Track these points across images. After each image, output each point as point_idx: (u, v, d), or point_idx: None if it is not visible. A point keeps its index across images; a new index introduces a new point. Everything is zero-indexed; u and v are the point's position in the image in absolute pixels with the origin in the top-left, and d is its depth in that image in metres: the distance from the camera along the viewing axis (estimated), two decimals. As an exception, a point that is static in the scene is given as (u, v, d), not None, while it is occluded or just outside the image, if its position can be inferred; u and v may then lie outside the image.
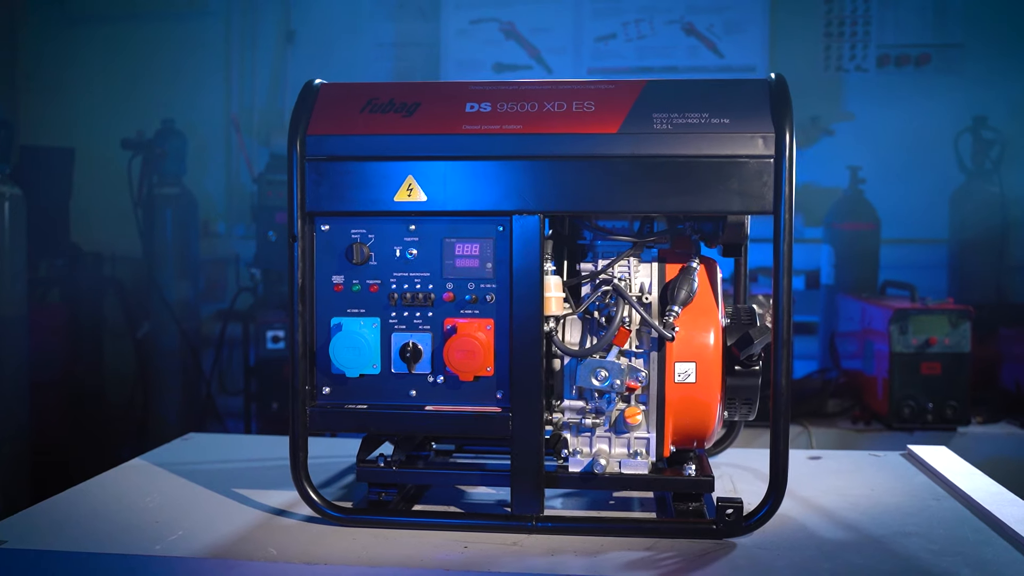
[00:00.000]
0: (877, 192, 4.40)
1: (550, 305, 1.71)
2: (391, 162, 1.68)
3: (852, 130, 4.77)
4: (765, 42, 4.65)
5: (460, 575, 1.52)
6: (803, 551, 1.62)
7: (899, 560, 1.58)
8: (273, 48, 5.14)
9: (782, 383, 1.60)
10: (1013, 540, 1.65)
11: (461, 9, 4.79)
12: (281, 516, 1.80)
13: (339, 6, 5.03)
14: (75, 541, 1.61)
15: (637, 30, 4.65)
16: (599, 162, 1.63)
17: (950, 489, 1.97)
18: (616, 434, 1.76)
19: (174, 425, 4.49)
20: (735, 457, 2.25)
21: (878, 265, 4.29)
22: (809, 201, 4.78)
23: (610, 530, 1.68)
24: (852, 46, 4.73)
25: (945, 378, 3.33)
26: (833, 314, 4.18)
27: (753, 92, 1.65)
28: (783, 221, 1.57)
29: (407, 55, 4.99)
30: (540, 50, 4.75)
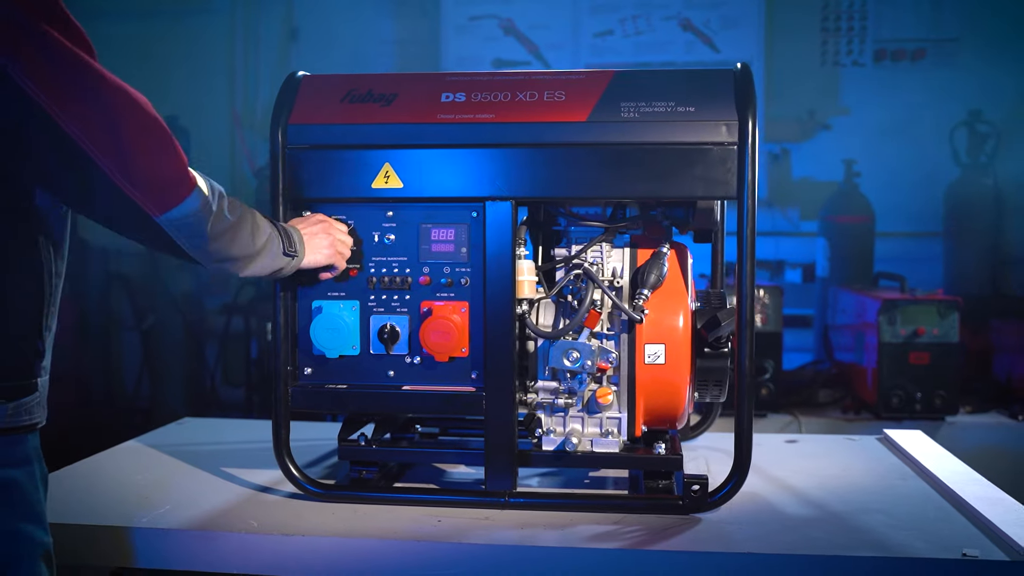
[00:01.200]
0: (872, 186, 4.43)
1: (523, 288, 1.77)
2: (369, 150, 1.74)
3: (849, 124, 4.80)
4: (761, 37, 4.68)
5: (431, 545, 1.58)
6: (766, 525, 1.67)
7: (857, 534, 1.63)
8: (276, 45, 5.21)
9: (746, 365, 1.65)
10: (972, 516, 1.70)
11: (461, 6, 4.85)
12: (265, 493, 1.87)
13: (342, 3, 5.10)
14: (64, 514, 1.67)
15: (635, 26, 4.70)
16: (568, 149, 1.69)
17: (919, 470, 2.02)
18: (589, 414, 1.81)
19: (179, 415, 4.55)
20: (712, 440, 2.30)
21: (873, 258, 4.32)
22: (806, 195, 4.81)
23: (580, 506, 1.74)
24: (849, 41, 4.76)
25: (933, 368, 3.36)
26: (827, 307, 4.22)
27: (718, 82, 1.70)
28: (746, 207, 1.62)
29: (408, 52, 5.05)
30: (539, 46, 4.80)
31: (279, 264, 1.62)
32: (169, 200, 1.37)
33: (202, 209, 1.41)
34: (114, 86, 1.28)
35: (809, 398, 3.71)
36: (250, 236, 1.53)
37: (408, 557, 1.58)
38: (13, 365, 1.33)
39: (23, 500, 1.34)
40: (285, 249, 1.62)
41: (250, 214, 1.55)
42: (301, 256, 1.66)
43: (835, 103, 4.85)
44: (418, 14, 5.08)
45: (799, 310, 4.72)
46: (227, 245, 1.49)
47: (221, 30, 5.23)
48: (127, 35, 5.10)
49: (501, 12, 4.85)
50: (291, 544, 1.60)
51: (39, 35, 1.21)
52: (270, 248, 1.58)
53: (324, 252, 1.70)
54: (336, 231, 1.74)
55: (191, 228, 1.42)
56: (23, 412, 1.34)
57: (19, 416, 1.34)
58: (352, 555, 1.59)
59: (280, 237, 1.61)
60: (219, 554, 1.62)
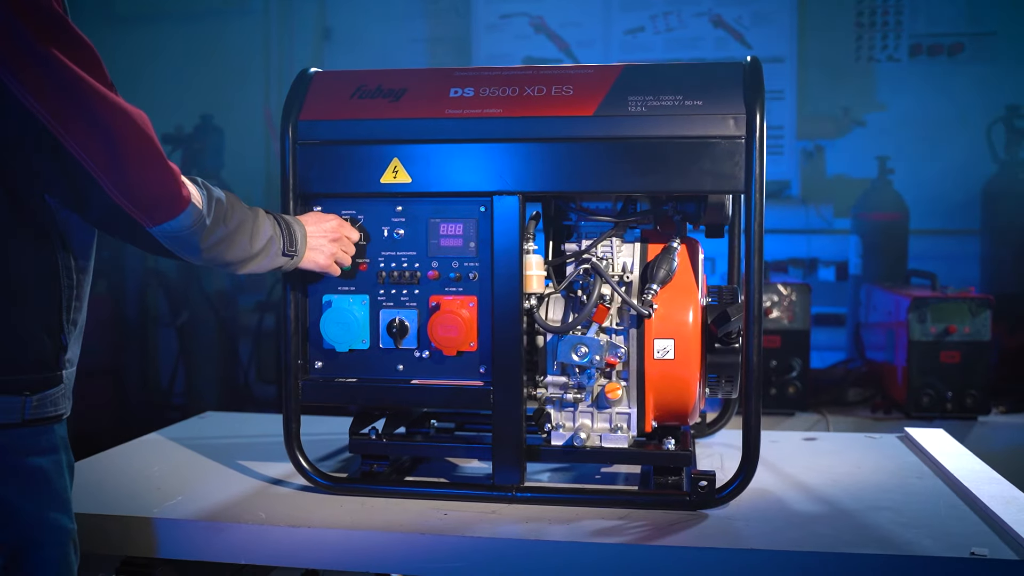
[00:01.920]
0: (907, 182, 4.35)
1: (531, 283, 1.77)
2: (377, 145, 1.76)
3: (884, 120, 4.72)
4: (794, 33, 4.62)
5: (436, 538, 1.59)
6: (773, 522, 1.66)
7: (864, 530, 1.61)
8: (310, 44, 5.26)
9: (754, 361, 1.64)
10: (985, 515, 1.67)
11: (492, 4, 4.85)
12: (277, 485, 1.89)
13: (374, 3, 5.14)
14: (78, 504, 1.70)
15: (665, 23, 4.67)
16: (575, 144, 1.69)
17: (937, 469, 1.98)
18: (598, 409, 1.81)
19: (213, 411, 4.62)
20: (730, 437, 2.28)
21: (906, 255, 4.25)
22: (840, 192, 4.74)
23: (587, 501, 1.74)
24: (884, 36, 4.68)
25: (965, 367, 3.30)
26: (859, 305, 4.16)
27: (727, 75, 1.68)
28: (753, 201, 1.61)
29: (439, 50, 5.08)
30: (569, 44, 4.79)
31: (277, 264, 1.65)
32: (162, 215, 1.41)
33: (194, 225, 1.45)
34: (112, 106, 1.31)
35: (838, 397, 3.66)
36: (248, 241, 1.56)
37: (413, 549, 1.60)
38: (35, 359, 1.38)
39: (50, 488, 1.39)
40: (284, 249, 1.65)
41: (251, 217, 1.58)
42: (300, 257, 1.69)
43: (870, 99, 4.77)
44: (450, 12, 5.10)
45: (832, 308, 4.67)
46: (221, 253, 1.53)
47: (256, 30, 5.29)
48: (165, 36, 5.20)
49: (532, 10, 4.84)
50: (298, 536, 1.62)
51: (43, 56, 1.25)
52: (268, 250, 1.61)
53: (321, 259, 1.73)
54: (345, 238, 1.76)
55: (183, 241, 1.47)
56: (48, 404, 1.39)
57: (44, 407, 1.38)
58: (358, 547, 1.61)
59: (282, 236, 1.64)
60: (227, 545, 1.64)
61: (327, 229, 1.74)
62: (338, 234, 1.74)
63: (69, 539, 1.40)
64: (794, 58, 4.65)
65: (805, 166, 4.83)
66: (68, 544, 1.40)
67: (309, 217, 1.75)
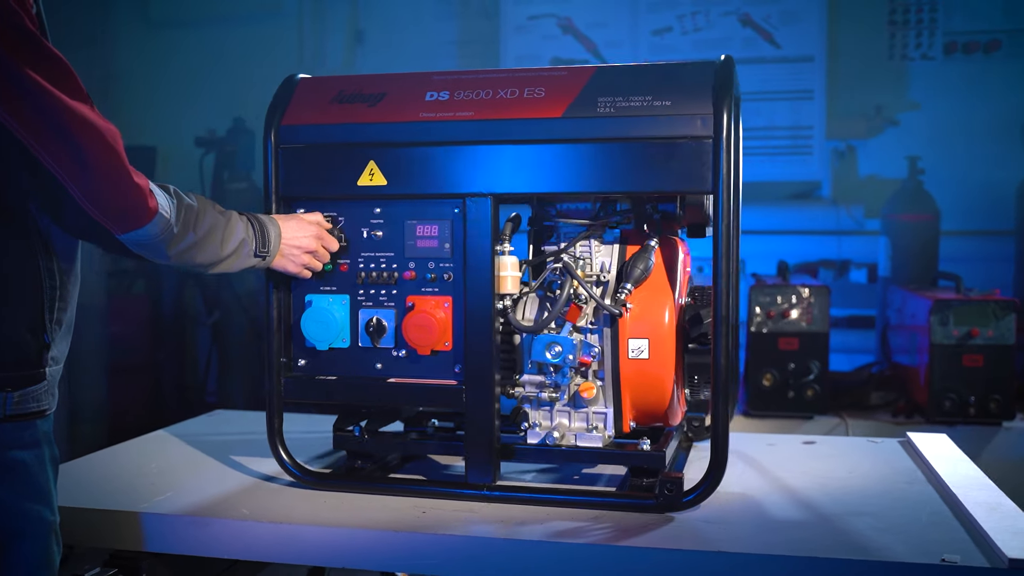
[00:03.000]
0: (940, 183, 4.26)
1: (505, 284, 1.78)
2: (354, 148, 1.78)
3: (918, 120, 4.62)
4: (823, 32, 4.55)
5: (409, 536, 1.61)
6: (746, 526, 1.65)
7: (839, 535, 1.59)
8: (342, 47, 5.33)
9: (722, 363, 1.63)
10: (966, 522, 1.64)
11: (520, 5, 4.86)
12: (269, 482, 1.93)
13: (405, 6, 5.18)
14: (72, 498, 1.76)
15: (693, 22, 4.63)
16: (544, 146, 1.70)
17: (930, 475, 1.95)
18: (575, 408, 1.82)
19: (243, 408, 4.71)
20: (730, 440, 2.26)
21: (937, 257, 4.16)
22: (872, 193, 4.65)
23: (558, 501, 1.74)
24: (918, 33, 4.59)
25: (988, 371, 3.22)
26: (887, 307, 4.08)
27: (698, 75, 1.68)
28: (721, 201, 1.60)
29: (469, 52, 5.10)
30: (597, 44, 4.78)
31: (248, 264, 1.70)
32: (129, 225, 1.47)
33: (162, 234, 1.51)
34: (79, 120, 1.36)
35: (861, 400, 3.60)
36: (218, 245, 1.62)
37: (387, 546, 1.62)
38: (17, 358, 1.43)
39: (31, 480, 1.44)
40: (256, 250, 1.69)
41: (223, 222, 1.63)
42: (272, 258, 1.73)
43: (903, 98, 4.68)
44: (480, 14, 5.12)
45: (863, 311, 4.59)
46: (191, 257, 1.59)
47: (289, 34, 5.37)
48: (199, 41, 5.31)
49: (560, 11, 4.85)
50: (277, 531, 1.65)
51: (16, 75, 1.31)
52: (240, 252, 1.66)
53: (291, 267, 1.78)
54: (320, 247, 1.79)
55: (151, 248, 1.53)
56: (30, 400, 1.43)
57: (26, 403, 1.43)
58: (333, 543, 1.63)
59: (255, 238, 1.68)
60: (210, 540, 1.68)
61: (303, 238, 1.77)
62: (313, 246, 1.78)
63: (51, 531, 1.45)
64: (823, 57, 4.58)
65: (836, 166, 4.75)
66: (50, 536, 1.45)
67: (290, 222, 1.78)
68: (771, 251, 4.38)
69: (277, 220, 1.76)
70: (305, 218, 1.80)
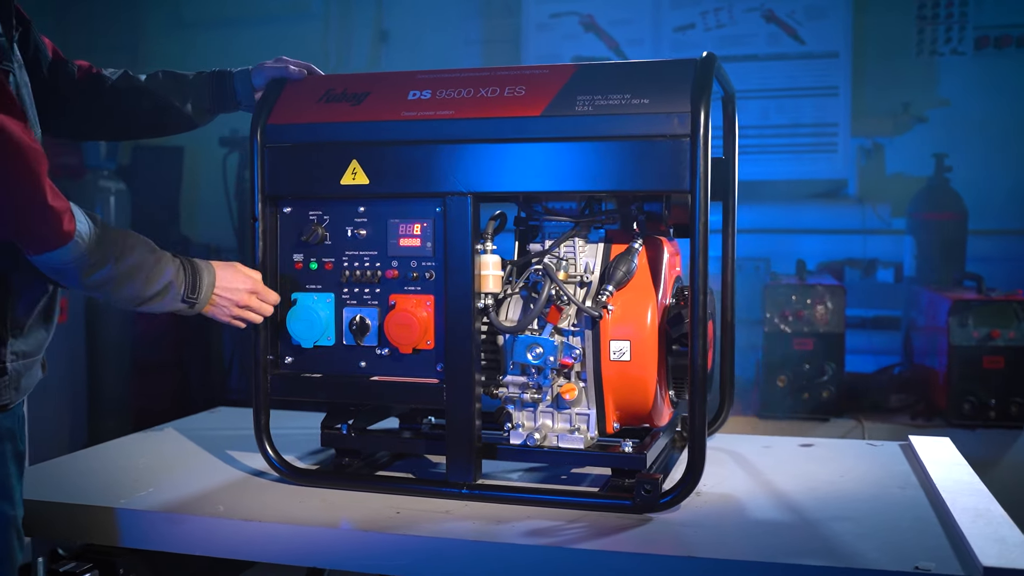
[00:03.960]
0: (968, 181, 4.18)
1: (487, 283, 1.78)
2: (338, 147, 1.79)
3: (947, 117, 4.53)
4: (849, 27, 4.48)
5: (375, 535, 1.60)
6: (723, 529, 1.63)
7: (816, 541, 1.56)
8: (368, 47, 5.37)
9: (698, 363, 1.61)
10: (950, 529, 1.60)
11: (542, 3, 4.86)
12: (257, 477, 1.94)
13: (429, 6, 5.20)
14: (53, 492, 1.79)
15: (716, 19, 4.59)
16: (523, 144, 1.69)
17: (923, 479, 1.91)
18: (558, 410, 1.81)
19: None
20: (725, 442, 2.24)
21: (964, 257, 4.08)
22: (900, 191, 4.57)
23: (538, 501, 1.73)
24: (948, 28, 4.50)
25: (1009, 373, 3.15)
26: (911, 307, 4.01)
27: (677, 73, 1.66)
28: (698, 200, 1.58)
29: (493, 51, 5.11)
30: (619, 42, 4.76)
31: (173, 307, 1.68)
32: (40, 247, 1.46)
33: (74, 261, 1.49)
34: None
35: (880, 402, 3.54)
36: (142, 284, 1.60)
37: (349, 546, 1.61)
38: None
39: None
40: (185, 295, 1.68)
41: (151, 261, 1.61)
42: (200, 306, 1.71)
43: (932, 95, 4.59)
44: (504, 13, 5.12)
45: (889, 311, 4.52)
46: (109, 291, 1.57)
47: (315, 34, 5.42)
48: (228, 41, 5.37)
49: (581, 8, 4.83)
50: (247, 529, 1.66)
51: None
52: (165, 294, 1.64)
53: (221, 316, 1.76)
54: (255, 301, 1.78)
55: (64, 273, 1.52)
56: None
57: None
58: (298, 541, 1.63)
59: (184, 283, 1.66)
60: (182, 536, 1.69)
61: (237, 291, 1.75)
62: (245, 300, 1.76)
63: (11, 526, 1.47)
64: (849, 53, 4.52)
65: (863, 164, 4.68)
66: (10, 530, 1.47)
67: (226, 271, 1.75)
68: (795, 250, 4.33)
69: (214, 267, 1.74)
70: (243, 270, 1.78)
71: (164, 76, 1.90)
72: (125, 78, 1.88)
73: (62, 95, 1.82)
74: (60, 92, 1.81)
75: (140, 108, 1.88)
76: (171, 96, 1.88)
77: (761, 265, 4.84)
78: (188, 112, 1.90)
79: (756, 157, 4.60)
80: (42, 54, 1.77)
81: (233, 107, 1.92)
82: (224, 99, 1.91)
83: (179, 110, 1.89)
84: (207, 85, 1.90)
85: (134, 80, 1.88)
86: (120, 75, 1.88)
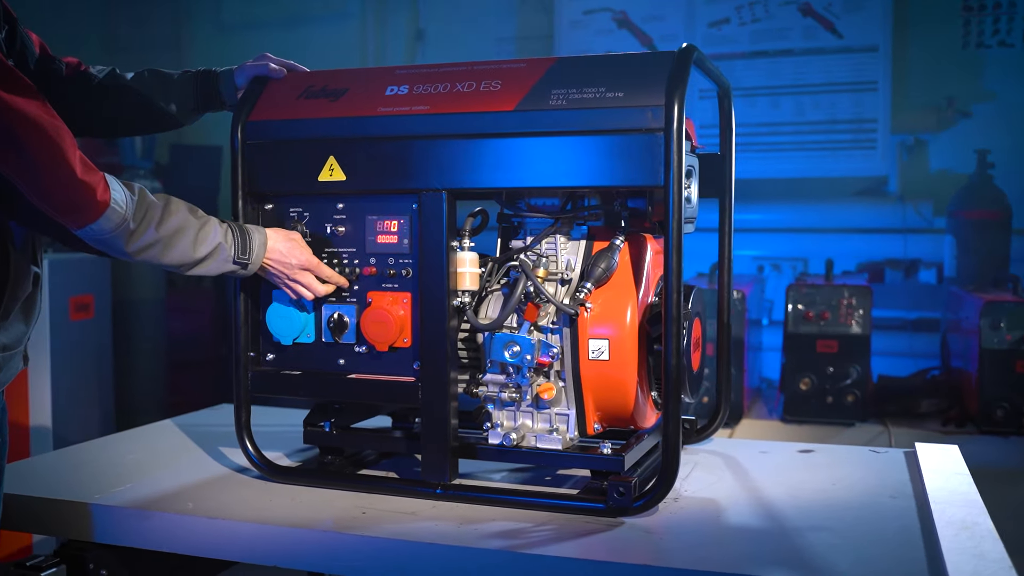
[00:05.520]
0: (1015, 178, 4.02)
1: (464, 280, 1.75)
2: (315, 144, 1.78)
3: (993, 111, 4.36)
4: (889, 20, 4.34)
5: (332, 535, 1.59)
6: (695, 536, 1.58)
7: (786, 551, 1.51)
8: (404, 46, 5.38)
9: (672, 363, 1.56)
10: (930, 541, 1.53)
11: (575, 0, 4.81)
12: (240, 474, 1.95)
13: (465, 4, 5.19)
14: (34, 487, 1.81)
15: (751, 13, 4.48)
16: (496, 140, 1.66)
17: (918, 489, 1.83)
18: (538, 409, 1.78)
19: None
20: (722, 446, 2.19)
21: (1008, 257, 3.92)
22: (943, 189, 4.41)
23: (512, 502, 1.71)
24: (995, 19, 4.33)
25: (1044, 379, 3.02)
26: (949, 309, 3.87)
27: (654, 66, 1.61)
28: (671, 196, 1.53)
29: (526, 48, 5.07)
30: (652, 38, 4.68)
31: (226, 269, 1.70)
32: (80, 220, 1.50)
33: (116, 229, 1.52)
34: (22, 118, 1.39)
35: (910, 407, 3.42)
36: (190, 246, 1.62)
37: (304, 546, 1.60)
38: None
39: None
40: (235, 257, 1.69)
41: (195, 224, 1.63)
42: (253, 267, 1.73)
43: (978, 89, 4.42)
44: (537, 10, 5.09)
45: (930, 313, 4.37)
46: (157, 255, 1.60)
47: (352, 34, 5.45)
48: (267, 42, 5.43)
49: (615, 5, 4.77)
50: (213, 527, 1.66)
51: None
52: (216, 255, 1.66)
53: (276, 280, 1.78)
54: (307, 278, 1.77)
55: (108, 244, 1.55)
56: None
57: None
58: (261, 540, 1.63)
59: (234, 244, 1.68)
60: (149, 532, 1.70)
61: (289, 264, 1.76)
62: (296, 276, 1.77)
63: None
64: (889, 47, 4.37)
65: (904, 161, 4.53)
66: None
67: (280, 242, 1.76)
68: (833, 250, 4.21)
69: (267, 233, 1.75)
70: (300, 243, 1.79)
71: (150, 75, 1.92)
72: (111, 76, 1.90)
73: (50, 92, 1.85)
74: (48, 89, 1.84)
75: (125, 106, 1.90)
76: (156, 95, 1.90)
77: (799, 265, 4.73)
78: (173, 111, 1.91)
79: (792, 154, 4.49)
80: (29, 51, 1.80)
81: (219, 106, 1.93)
82: (209, 98, 1.91)
83: (164, 109, 1.90)
84: (192, 85, 1.91)
85: (120, 79, 1.90)
86: (107, 73, 1.90)
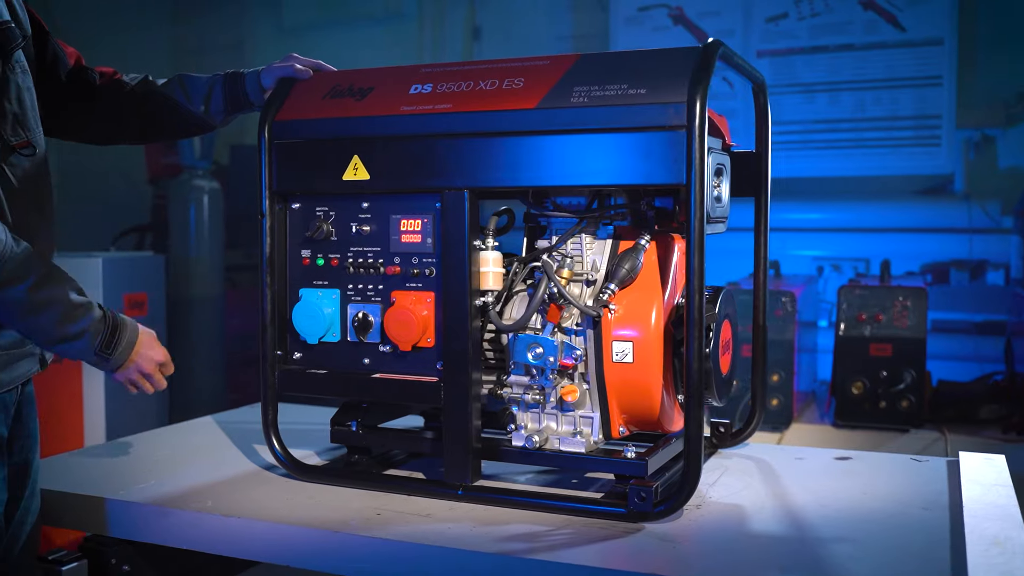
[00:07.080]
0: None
1: (487, 280, 1.74)
2: (339, 143, 1.79)
3: (1069, 105, 4.20)
4: (954, 12, 4.20)
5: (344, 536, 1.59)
6: (713, 543, 1.54)
7: (805, 561, 1.46)
8: (460, 45, 5.40)
9: (694, 366, 1.53)
10: (957, 556, 1.46)
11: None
12: (267, 472, 1.96)
13: (521, 2, 5.19)
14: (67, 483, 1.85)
15: (811, 7, 4.38)
16: (518, 138, 1.64)
17: (955, 500, 1.76)
18: (562, 412, 1.76)
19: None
20: (759, 451, 2.13)
21: (1079, 258, 3.77)
22: (1013, 187, 4.26)
23: (533, 505, 1.69)
24: (1069, 10, 4.17)
25: (1110, 386, 2.88)
26: (1015, 312, 3.73)
27: (678, 62, 1.57)
28: (694, 195, 1.50)
29: (582, 45, 5.04)
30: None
31: (89, 359, 1.65)
32: None
33: None
34: None
35: (969, 414, 3.30)
36: (55, 322, 1.56)
37: (319, 546, 1.60)
38: None
39: None
40: (99, 349, 1.64)
41: (69, 305, 1.57)
42: (113, 365, 1.68)
43: (1050, 82, 4.26)
44: (593, 7, 5.06)
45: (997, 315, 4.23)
46: (16, 317, 1.54)
47: (410, 34, 5.49)
48: (326, 43, 5.51)
49: (671, 1, 4.71)
50: (229, 525, 1.66)
51: None
52: (78, 339, 1.60)
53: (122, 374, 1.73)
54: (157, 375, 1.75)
55: None
56: None
57: None
58: (274, 539, 1.63)
59: (102, 335, 1.63)
60: (167, 529, 1.72)
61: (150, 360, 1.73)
62: (150, 371, 1.74)
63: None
64: (954, 40, 4.24)
65: (970, 159, 4.39)
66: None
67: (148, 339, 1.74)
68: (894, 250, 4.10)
69: (139, 331, 1.72)
70: (157, 342, 1.77)
71: (180, 80, 1.94)
72: (143, 84, 1.93)
73: (83, 100, 1.89)
74: (81, 97, 1.88)
75: (157, 112, 1.93)
76: (187, 100, 1.92)
77: (860, 265, 4.61)
78: (203, 115, 1.93)
79: (851, 152, 4.38)
80: (61, 62, 1.85)
81: (247, 108, 1.95)
82: (237, 100, 1.93)
83: (193, 113, 1.93)
84: (220, 87, 1.93)
85: (151, 85, 1.93)
86: (139, 80, 1.94)
